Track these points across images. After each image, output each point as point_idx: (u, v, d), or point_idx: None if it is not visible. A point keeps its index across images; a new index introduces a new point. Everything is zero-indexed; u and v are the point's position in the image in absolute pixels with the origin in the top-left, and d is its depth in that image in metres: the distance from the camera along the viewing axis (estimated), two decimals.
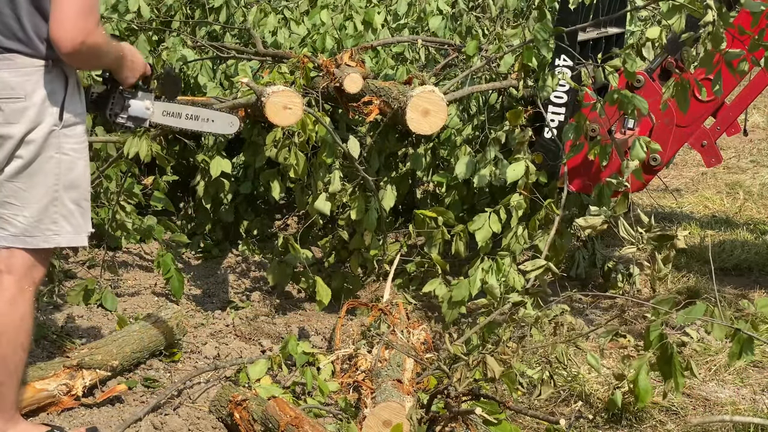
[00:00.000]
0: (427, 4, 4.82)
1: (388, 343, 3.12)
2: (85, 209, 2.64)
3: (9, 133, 2.47)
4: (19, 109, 2.46)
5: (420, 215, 3.73)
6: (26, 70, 2.45)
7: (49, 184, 2.55)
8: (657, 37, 3.39)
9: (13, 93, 2.45)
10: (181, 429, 2.89)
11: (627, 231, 2.91)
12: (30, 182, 2.53)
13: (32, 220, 2.55)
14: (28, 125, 2.48)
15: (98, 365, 3.07)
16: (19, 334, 2.57)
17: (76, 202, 2.60)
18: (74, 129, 2.56)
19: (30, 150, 2.51)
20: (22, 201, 2.54)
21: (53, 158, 2.54)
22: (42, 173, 2.54)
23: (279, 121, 3.35)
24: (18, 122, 2.47)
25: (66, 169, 2.56)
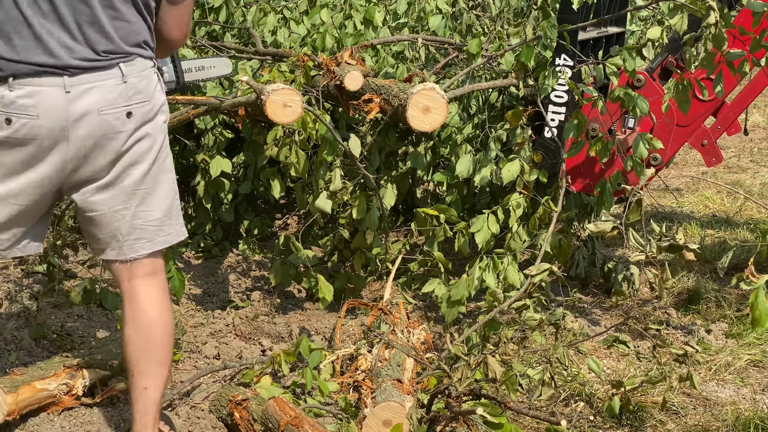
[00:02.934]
0: (426, 3, 4.82)
1: (388, 342, 3.12)
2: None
3: (141, 136, 2.48)
4: (146, 111, 2.48)
5: (421, 213, 3.73)
6: (146, 72, 2.48)
7: (170, 179, 2.61)
8: (658, 36, 3.38)
9: (141, 97, 2.47)
10: (181, 429, 2.89)
11: (636, 240, 2.91)
12: (155, 183, 2.55)
13: (163, 219, 2.59)
14: (153, 125, 2.51)
15: (98, 365, 3.07)
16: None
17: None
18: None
19: (153, 150, 2.53)
20: (149, 205, 2.56)
21: (168, 153, 2.60)
22: (163, 171, 2.58)
23: (279, 119, 3.36)
24: (147, 124, 2.49)
25: (171, 162, 2.63)
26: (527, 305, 3.09)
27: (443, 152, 4.16)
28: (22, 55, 2.32)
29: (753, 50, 3.17)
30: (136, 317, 2.60)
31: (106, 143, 2.43)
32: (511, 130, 3.81)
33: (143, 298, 2.60)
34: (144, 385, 2.60)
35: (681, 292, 4.22)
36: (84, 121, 2.38)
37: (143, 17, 2.47)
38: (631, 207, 2.99)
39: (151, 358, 2.60)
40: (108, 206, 2.51)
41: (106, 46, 2.40)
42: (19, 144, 2.37)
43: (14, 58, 2.32)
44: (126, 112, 2.44)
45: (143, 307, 2.60)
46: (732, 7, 3.75)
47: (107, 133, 2.42)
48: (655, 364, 3.34)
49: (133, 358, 2.60)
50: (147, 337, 2.59)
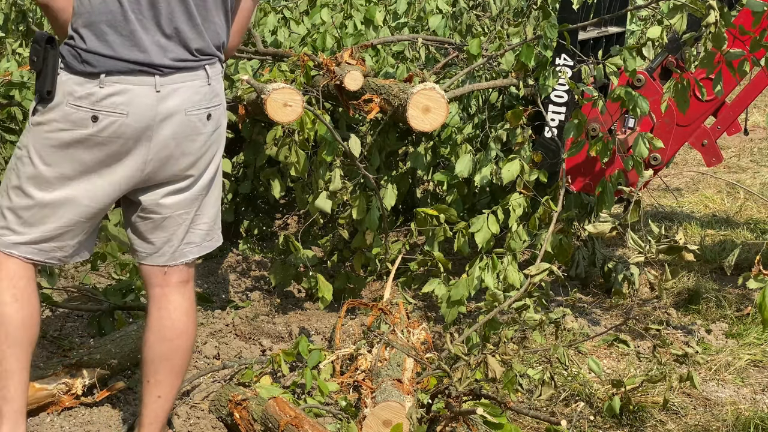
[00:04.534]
0: (426, 3, 4.82)
1: (388, 342, 3.12)
2: None
3: (215, 140, 2.48)
4: (220, 114, 2.49)
5: (421, 213, 3.73)
6: (220, 75, 2.49)
7: (220, 186, 2.60)
8: (658, 36, 3.38)
9: (218, 99, 2.47)
10: (181, 429, 2.89)
11: (635, 241, 2.91)
12: (212, 188, 2.55)
13: (211, 224, 2.58)
14: (222, 129, 2.51)
15: (98, 364, 3.06)
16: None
17: None
18: None
19: (219, 154, 2.53)
20: (203, 209, 2.54)
21: (221, 158, 2.58)
22: (219, 175, 2.58)
23: (279, 119, 3.36)
24: (219, 128, 2.49)
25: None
26: (527, 305, 3.09)
27: (443, 152, 4.16)
28: (117, 52, 2.27)
29: (753, 50, 3.16)
30: (163, 325, 2.55)
31: (187, 145, 2.41)
32: (511, 130, 3.81)
33: (174, 306, 2.56)
34: (158, 394, 2.57)
35: (681, 292, 4.22)
36: (170, 121, 2.36)
37: (227, 18, 2.46)
38: (630, 208, 2.99)
39: (171, 368, 2.56)
40: (174, 210, 2.48)
41: (198, 45, 2.38)
42: (102, 143, 2.32)
43: (108, 53, 2.27)
44: (207, 114, 2.43)
45: (172, 316, 2.55)
46: (732, 7, 3.75)
47: (190, 135, 2.40)
48: (655, 364, 3.35)
49: (153, 365, 2.56)
50: (171, 346, 2.55)
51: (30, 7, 4.77)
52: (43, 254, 2.43)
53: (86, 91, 2.28)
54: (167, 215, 2.48)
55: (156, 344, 2.56)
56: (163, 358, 2.56)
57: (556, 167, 3.77)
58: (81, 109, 2.29)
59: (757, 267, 2.71)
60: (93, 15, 2.26)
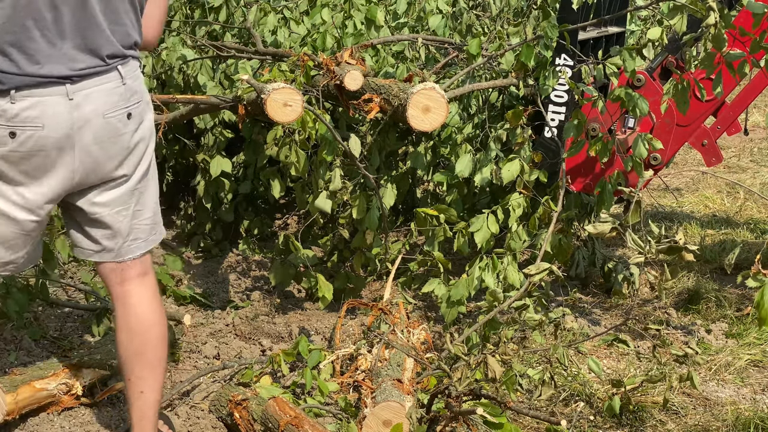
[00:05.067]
0: (426, 3, 4.82)
1: (388, 342, 3.12)
2: None
3: (141, 137, 2.50)
4: (141, 110, 2.51)
5: (421, 213, 3.73)
6: (137, 72, 2.50)
7: (156, 178, 2.64)
8: (658, 36, 3.38)
9: (135, 97, 2.49)
10: (181, 429, 2.89)
11: (635, 241, 2.90)
12: (148, 181, 2.58)
13: (153, 218, 2.63)
14: (146, 124, 2.53)
15: (97, 365, 3.06)
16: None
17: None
18: None
19: (149, 149, 2.56)
20: (143, 204, 2.58)
21: (153, 151, 2.61)
22: (153, 169, 2.61)
23: (279, 118, 3.36)
24: (143, 123, 2.51)
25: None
26: (527, 305, 3.09)
27: (443, 152, 4.16)
28: (23, 69, 2.28)
29: (753, 51, 3.16)
30: (129, 321, 2.58)
31: (111, 147, 2.43)
32: (511, 129, 3.81)
33: (135, 300, 2.59)
34: (140, 389, 2.59)
35: (681, 292, 4.22)
36: (89, 126, 2.37)
37: (137, 18, 2.48)
38: (631, 208, 2.99)
39: (146, 361, 2.59)
40: (112, 207, 2.51)
41: (108, 51, 2.40)
42: (24, 157, 2.34)
43: (14, 71, 2.28)
44: (126, 114, 2.45)
45: (136, 311, 2.58)
46: (732, 8, 3.75)
47: (112, 137, 2.42)
48: (655, 364, 3.35)
49: (129, 362, 2.59)
50: (141, 340, 2.58)
51: None
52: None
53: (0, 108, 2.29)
54: (105, 213, 2.51)
55: (127, 342, 2.58)
56: (137, 353, 2.58)
57: (556, 167, 3.77)
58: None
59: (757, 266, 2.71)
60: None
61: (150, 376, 2.60)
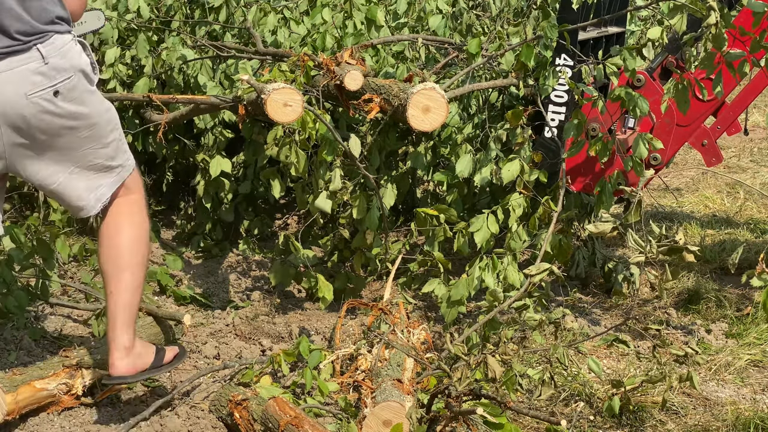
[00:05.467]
0: (426, 3, 4.82)
1: (388, 342, 3.12)
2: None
3: (73, 109, 2.52)
4: (72, 84, 2.51)
5: (421, 213, 3.73)
6: (65, 48, 2.47)
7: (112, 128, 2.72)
8: (658, 36, 3.38)
9: (62, 74, 2.48)
10: (181, 429, 2.89)
11: (635, 241, 2.90)
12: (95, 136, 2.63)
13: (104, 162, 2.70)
14: (81, 92, 2.54)
15: (98, 365, 3.06)
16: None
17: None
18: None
19: (90, 115, 2.60)
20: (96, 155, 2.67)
21: (106, 107, 2.70)
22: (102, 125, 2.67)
23: (279, 119, 3.37)
24: (75, 93, 2.52)
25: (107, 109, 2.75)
26: (527, 305, 3.09)
27: (443, 152, 4.16)
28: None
29: (753, 51, 3.16)
30: (103, 229, 2.75)
31: (41, 125, 2.46)
32: (511, 130, 3.80)
33: (111, 210, 2.75)
34: (110, 290, 2.74)
35: (681, 292, 4.22)
36: (12, 107, 2.40)
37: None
38: (631, 208, 2.99)
39: (115, 263, 2.73)
40: (60, 177, 2.60)
41: (19, 28, 2.38)
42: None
43: None
44: (53, 92, 2.45)
45: (108, 220, 2.75)
46: (732, 7, 3.75)
47: (40, 114, 2.45)
48: (655, 364, 3.34)
49: (102, 268, 2.75)
50: (109, 243, 2.74)
51: None
52: None
53: None
54: (59, 182, 2.62)
55: (101, 249, 2.76)
56: (107, 257, 2.75)
57: (556, 167, 3.77)
58: None
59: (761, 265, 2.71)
60: None
61: (118, 277, 2.74)
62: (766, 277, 2.69)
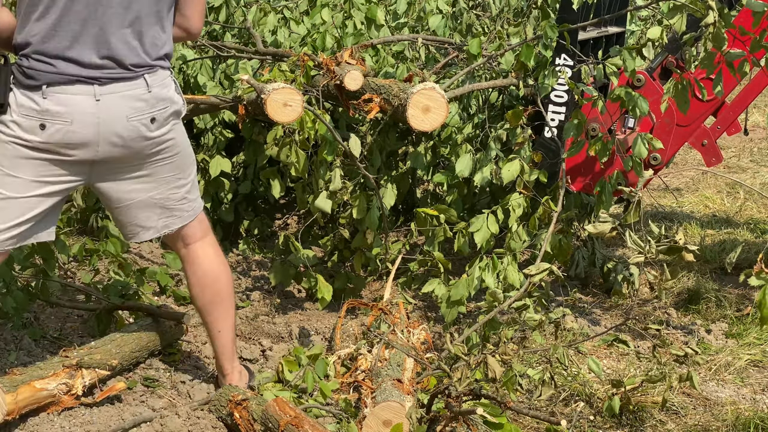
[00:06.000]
0: (426, 3, 4.82)
1: (388, 342, 3.12)
2: None
3: (165, 138, 2.75)
4: (168, 114, 2.74)
5: (421, 213, 3.73)
6: (166, 81, 2.72)
7: (191, 163, 2.93)
8: (658, 36, 3.38)
9: (162, 104, 2.71)
10: (181, 429, 2.89)
11: (635, 241, 2.90)
12: (180, 167, 2.86)
13: (186, 194, 2.91)
14: (172, 125, 2.78)
15: (97, 365, 3.06)
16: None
17: None
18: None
19: (176, 146, 2.82)
20: (177, 187, 2.87)
21: (187, 143, 2.91)
22: (185, 157, 2.90)
23: (279, 119, 3.38)
24: (167, 125, 2.75)
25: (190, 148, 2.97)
26: (527, 305, 3.09)
27: (443, 152, 4.15)
28: (58, 68, 2.53)
29: (753, 50, 3.16)
30: (198, 276, 2.98)
31: (133, 145, 2.68)
32: (511, 129, 3.80)
33: (201, 259, 2.98)
34: (218, 329, 3.05)
35: (681, 292, 4.22)
36: (113, 126, 2.60)
37: (165, 32, 2.71)
38: (630, 208, 2.99)
39: (219, 307, 3.02)
40: (140, 195, 2.80)
41: (134, 62, 2.62)
42: (51, 149, 2.57)
43: (48, 70, 2.52)
44: (150, 118, 2.68)
45: (203, 267, 2.98)
46: (732, 7, 3.75)
47: (136, 138, 2.66)
48: (655, 364, 3.35)
49: (204, 310, 3.03)
50: (212, 291, 3.00)
51: None
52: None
53: (32, 102, 2.53)
54: (136, 199, 2.81)
55: (200, 295, 3.01)
56: (209, 302, 3.01)
57: (556, 167, 3.77)
58: (30, 119, 2.54)
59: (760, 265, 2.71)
60: (34, 41, 2.53)
61: (224, 318, 3.05)
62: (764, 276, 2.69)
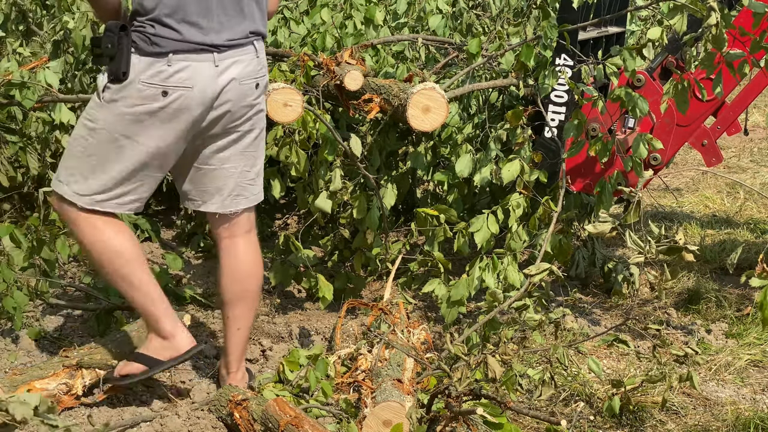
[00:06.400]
0: (426, 3, 4.81)
1: (388, 342, 3.12)
2: None
3: (261, 106, 2.92)
4: (265, 82, 2.91)
5: (421, 213, 3.73)
6: (265, 50, 2.92)
7: (264, 145, 3.03)
8: (658, 36, 3.38)
9: (263, 71, 2.89)
10: (181, 429, 2.89)
11: (635, 241, 2.90)
12: (257, 145, 2.97)
13: (258, 179, 3.02)
14: (264, 96, 2.96)
15: (97, 365, 3.06)
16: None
17: None
18: None
19: (264, 118, 2.98)
20: (250, 165, 2.96)
21: (265, 121, 3.02)
22: (263, 134, 3.01)
23: (279, 119, 3.40)
24: (263, 94, 2.93)
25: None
26: (527, 305, 3.09)
27: (443, 152, 4.15)
28: (183, 35, 2.66)
29: (753, 51, 3.16)
30: (234, 270, 3.02)
31: (240, 109, 2.82)
32: (511, 129, 3.80)
33: (241, 253, 3.02)
34: (237, 327, 3.08)
35: (681, 292, 4.22)
36: (227, 90, 2.75)
37: (264, 3, 2.88)
38: (630, 209, 2.98)
39: (245, 305, 3.06)
40: (223, 162, 2.90)
41: (248, 27, 2.79)
42: (171, 113, 2.70)
43: (175, 37, 2.65)
44: (255, 83, 2.84)
45: (240, 262, 3.02)
46: (732, 7, 3.75)
47: (242, 100, 2.81)
48: (655, 364, 3.35)
49: (229, 305, 3.06)
50: (242, 287, 3.03)
51: (30, 7, 4.76)
52: (123, 207, 2.85)
53: (156, 69, 2.65)
54: (218, 167, 2.90)
55: (230, 287, 3.03)
56: (237, 298, 3.04)
57: (556, 167, 3.77)
58: (152, 86, 2.66)
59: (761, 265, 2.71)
60: (161, 11, 2.64)
61: (246, 317, 3.08)
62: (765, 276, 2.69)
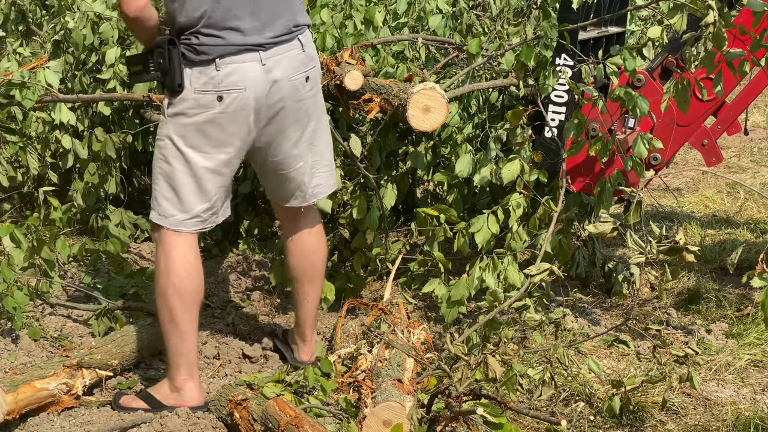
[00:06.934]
0: (426, 3, 4.81)
1: (388, 342, 3.12)
2: None
3: (317, 97, 2.98)
4: (316, 73, 2.96)
5: (421, 213, 3.73)
6: (312, 41, 2.95)
7: (329, 133, 3.12)
8: (658, 36, 3.38)
9: (312, 62, 2.92)
10: (181, 429, 2.89)
11: (635, 241, 2.90)
12: (321, 136, 3.04)
13: (331, 165, 3.14)
14: (319, 86, 3.00)
15: (97, 365, 3.07)
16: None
17: None
18: None
19: (322, 107, 3.05)
20: (319, 154, 3.06)
21: (325, 108, 3.12)
22: (325, 124, 3.09)
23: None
24: (317, 85, 2.97)
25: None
26: (527, 305, 3.09)
27: (443, 152, 4.15)
28: (226, 40, 2.71)
29: (753, 50, 3.16)
30: (298, 247, 3.20)
31: (294, 105, 2.86)
32: (511, 129, 3.80)
33: (305, 232, 3.19)
34: (306, 299, 3.26)
35: (681, 292, 4.22)
36: (278, 87, 2.79)
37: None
38: (630, 209, 2.98)
39: (311, 278, 3.25)
40: (297, 161, 2.96)
41: (290, 23, 2.82)
42: (230, 117, 2.75)
43: (218, 43, 2.70)
44: (305, 77, 2.87)
45: (306, 240, 3.20)
46: (732, 7, 3.75)
47: (294, 96, 2.84)
48: (655, 364, 3.34)
49: (298, 281, 3.25)
50: (307, 262, 3.22)
51: (30, 7, 4.76)
52: (204, 222, 2.93)
53: (207, 76, 2.71)
54: (293, 167, 2.99)
55: (297, 264, 3.22)
56: (304, 273, 3.22)
57: (556, 167, 3.77)
58: (207, 93, 2.72)
59: (761, 265, 2.71)
60: (200, 18, 2.70)
61: (314, 289, 3.27)
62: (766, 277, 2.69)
